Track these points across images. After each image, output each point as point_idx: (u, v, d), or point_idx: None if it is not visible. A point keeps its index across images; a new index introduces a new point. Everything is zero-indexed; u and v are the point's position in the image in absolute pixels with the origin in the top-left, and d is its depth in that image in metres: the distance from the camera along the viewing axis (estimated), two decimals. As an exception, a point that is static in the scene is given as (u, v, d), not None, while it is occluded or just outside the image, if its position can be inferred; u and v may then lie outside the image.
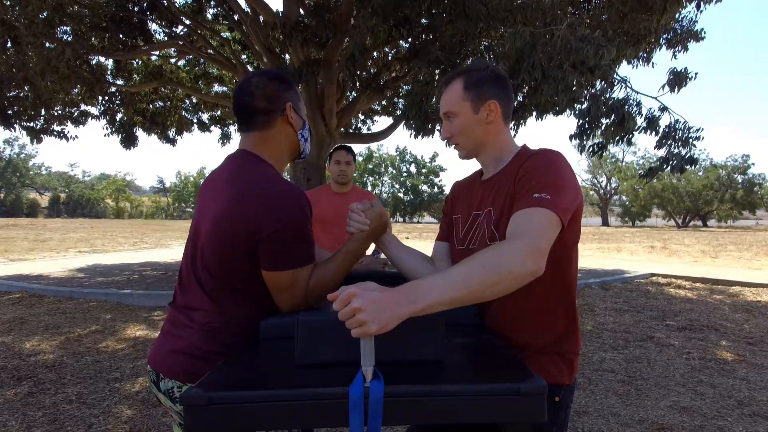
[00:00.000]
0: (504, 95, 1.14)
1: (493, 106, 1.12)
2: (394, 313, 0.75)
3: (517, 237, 0.92)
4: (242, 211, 1.02)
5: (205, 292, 1.09)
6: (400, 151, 50.31)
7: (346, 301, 0.76)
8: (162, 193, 59.88)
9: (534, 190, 0.97)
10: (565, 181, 1.00)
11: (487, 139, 1.16)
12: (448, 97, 1.16)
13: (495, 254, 0.88)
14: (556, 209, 0.94)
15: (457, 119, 1.15)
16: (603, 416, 2.66)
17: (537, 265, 0.88)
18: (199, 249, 1.11)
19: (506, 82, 1.15)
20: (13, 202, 45.46)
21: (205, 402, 0.68)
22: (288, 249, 1.04)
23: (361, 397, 0.69)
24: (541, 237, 0.91)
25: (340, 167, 2.90)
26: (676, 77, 5.41)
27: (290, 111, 1.16)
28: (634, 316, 5.08)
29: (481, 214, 1.14)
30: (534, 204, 0.95)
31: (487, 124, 1.14)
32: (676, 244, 16.25)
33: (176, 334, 1.11)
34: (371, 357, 0.74)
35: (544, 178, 0.99)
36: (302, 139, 1.22)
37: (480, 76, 1.13)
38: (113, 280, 6.91)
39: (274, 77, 1.17)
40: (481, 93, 1.12)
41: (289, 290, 1.07)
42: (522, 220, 0.95)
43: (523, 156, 1.11)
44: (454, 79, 1.16)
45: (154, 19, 7.70)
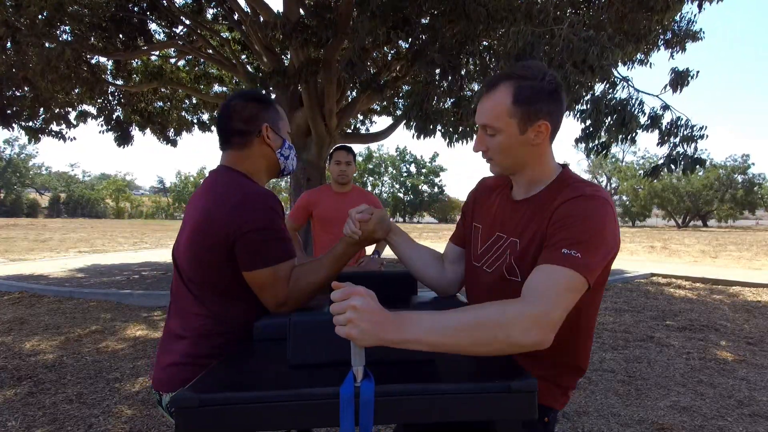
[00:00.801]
0: (558, 112, 0.97)
1: (544, 126, 0.96)
2: (377, 333, 0.73)
3: (531, 299, 0.82)
4: (216, 217, 1.08)
5: (194, 297, 1.13)
6: (400, 151, 50.39)
7: (346, 295, 0.75)
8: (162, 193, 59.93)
9: (564, 244, 0.86)
10: (603, 236, 0.88)
11: (529, 161, 1.01)
12: (490, 107, 0.97)
13: (498, 312, 0.79)
14: (584, 271, 0.84)
15: (498, 136, 0.98)
16: (603, 416, 2.66)
17: (542, 338, 0.79)
18: (181, 259, 1.16)
19: (562, 96, 0.98)
20: (13, 202, 45.49)
21: (196, 404, 0.68)
22: (262, 247, 1.07)
23: (352, 397, 0.69)
24: (556, 305, 0.81)
25: (340, 167, 2.90)
26: (677, 77, 5.41)
27: (266, 131, 1.20)
28: (634, 316, 5.08)
29: (505, 240, 1.03)
30: (561, 262, 0.84)
31: (532, 146, 0.98)
32: (676, 244, 16.25)
33: (170, 348, 1.15)
34: (362, 357, 0.74)
35: (580, 231, 0.87)
36: (281, 158, 1.25)
37: (534, 88, 0.94)
38: (113, 280, 6.91)
39: (252, 98, 1.22)
40: (533, 111, 0.95)
41: (271, 288, 1.09)
42: (543, 278, 0.84)
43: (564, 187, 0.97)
44: (499, 84, 0.97)
45: (154, 19, 7.71)
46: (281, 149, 1.24)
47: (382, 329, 0.74)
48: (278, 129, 1.23)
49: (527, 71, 0.96)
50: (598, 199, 0.92)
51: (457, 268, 1.22)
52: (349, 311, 0.74)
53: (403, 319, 0.77)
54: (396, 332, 0.75)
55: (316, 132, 7.21)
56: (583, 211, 0.90)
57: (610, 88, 5.74)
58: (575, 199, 0.92)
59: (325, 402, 0.70)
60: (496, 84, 0.97)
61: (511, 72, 0.98)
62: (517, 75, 0.96)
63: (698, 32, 6.77)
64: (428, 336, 0.76)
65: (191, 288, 1.14)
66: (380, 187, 50.45)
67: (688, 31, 6.71)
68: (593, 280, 0.86)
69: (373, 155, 49.76)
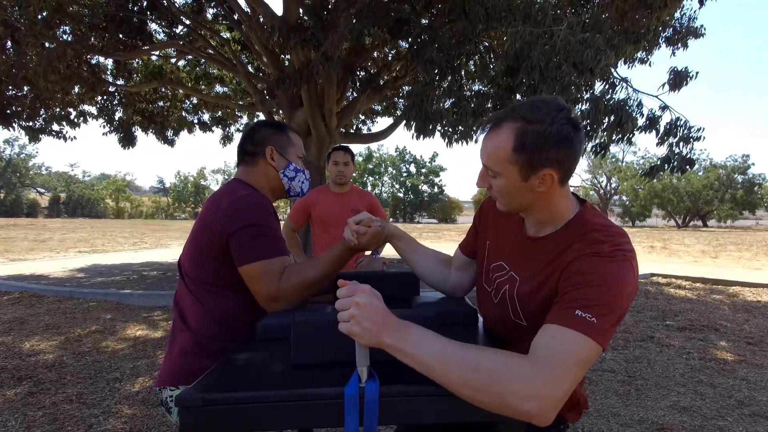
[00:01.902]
0: (568, 158, 0.87)
1: (549, 176, 0.87)
2: (377, 334, 0.73)
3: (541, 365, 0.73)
4: (212, 218, 1.18)
5: (194, 296, 1.22)
6: (400, 151, 50.36)
7: (352, 292, 0.75)
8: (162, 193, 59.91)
9: (579, 305, 0.78)
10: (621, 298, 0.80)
11: (536, 204, 0.93)
12: (491, 148, 0.90)
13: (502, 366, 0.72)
14: (599, 338, 0.76)
15: (498, 179, 0.91)
16: (603, 416, 2.66)
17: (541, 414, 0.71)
18: (184, 261, 1.27)
19: (573, 142, 0.86)
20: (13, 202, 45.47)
21: (200, 403, 0.68)
22: (254, 242, 1.15)
23: (357, 398, 0.69)
24: (567, 379, 0.73)
25: (339, 168, 2.90)
26: (676, 76, 5.41)
27: (271, 153, 1.32)
28: (634, 316, 5.08)
29: (506, 273, 1.00)
30: (574, 325, 0.76)
31: (537, 193, 0.91)
32: (676, 244, 16.25)
33: (170, 348, 1.25)
34: (366, 357, 0.74)
35: (596, 294, 0.79)
36: (285, 178, 1.35)
37: (540, 135, 0.84)
38: (113, 280, 6.91)
39: (266, 125, 1.38)
40: (536, 159, 0.86)
41: (261, 281, 1.14)
42: (555, 343, 0.76)
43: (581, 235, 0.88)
44: (503, 123, 0.89)
45: (154, 19, 7.70)
46: (285, 170, 1.34)
47: (382, 330, 0.74)
48: (285, 152, 1.35)
49: (535, 113, 0.86)
50: (617, 259, 0.82)
51: (463, 275, 1.21)
52: (352, 308, 0.74)
53: (405, 328, 0.76)
54: (395, 338, 0.74)
55: (316, 132, 7.21)
56: (601, 271, 0.81)
57: (609, 88, 5.75)
58: (593, 257, 0.83)
59: (329, 402, 0.70)
60: (500, 123, 0.89)
61: (519, 111, 0.88)
62: (524, 117, 0.86)
63: (699, 28, 6.77)
64: (423, 355, 0.73)
65: (190, 286, 1.22)
66: (380, 187, 50.45)
67: (689, 28, 6.71)
68: (607, 344, 0.79)
69: (373, 155, 49.77)
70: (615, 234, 0.87)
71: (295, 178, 1.36)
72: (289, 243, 3.01)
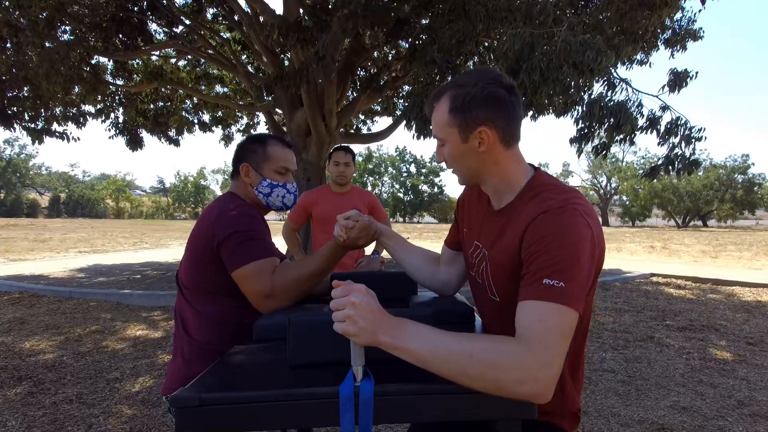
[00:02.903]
0: (502, 115, 0.92)
1: (485, 134, 0.92)
2: (373, 332, 0.74)
3: (529, 346, 0.75)
4: (205, 227, 1.23)
5: (189, 304, 1.26)
6: (400, 151, 50.38)
7: (347, 292, 0.76)
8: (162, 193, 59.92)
9: (544, 273, 0.79)
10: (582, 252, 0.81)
11: (485, 168, 0.97)
12: (435, 118, 0.98)
13: (496, 353, 0.74)
14: (572, 302, 0.78)
15: (446, 146, 0.97)
16: (603, 416, 2.66)
17: (540, 392, 0.73)
18: (180, 271, 1.32)
19: (505, 97, 0.91)
20: (13, 202, 45.49)
21: (196, 403, 0.68)
22: (243, 247, 1.18)
23: (352, 397, 0.70)
24: (556, 354, 0.75)
25: (339, 168, 2.89)
26: (676, 78, 5.41)
27: (245, 169, 1.36)
28: (634, 316, 5.08)
29: (481, 250, 1.02)
30: (546, 296, 0.78)
31: (481, 153, 0.94)
32: (676, 244, 16.25)
33: (174, 351, 1.28)
34: (361, 356, 0.74)
35: (557, 255, 0.80)
36: (260, 195, 1.36)
37: (468, 95, 0.91)
38: (113, 280, 6.91)
39: (247, 141, 1.41)
40: (470, 117, 0.91)
41: (252, 281, 1.16)
42: (534, 320, 0.78)
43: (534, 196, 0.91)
44: (441, 95, 0.97)
45: (154, 19, 7.71)
46: (258, 186, 1.35)
47: (378, 329, 0.74)
48: (260, 168, 1.36)
49: (463, 79, 0.94)
50: (567, 210, 0.84)
51: (451, 269, 1.22)
52: (348, 308, 0.74)
53: (401, 325, 0.77)
54: (390, 336, 0.75)
55: (316, 132, 7.21)
56: (555, 228, 0.82)
57: (609, 89, 5.75)
58: (543, 215, 0.85)
59: (324, 401, 0.70)
60: (439, 96, 0.97)
61: (451, 83, 0.97)
62: (454, 84, 0.95)
63: (698, 31, 6.77)
64: (420, 350, 0.74)
65: (188, 296, 1.26)
66: (380, 187, 50.45)
67: (688, 30, 6.71)
68: (582, 306, 0.80)
69: (373, 155, 49.78)
70: (564, 191, 0.89)
71: (271, 193, 1.36)
72: (290, 242, 3.01)
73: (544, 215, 0.85)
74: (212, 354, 1.18)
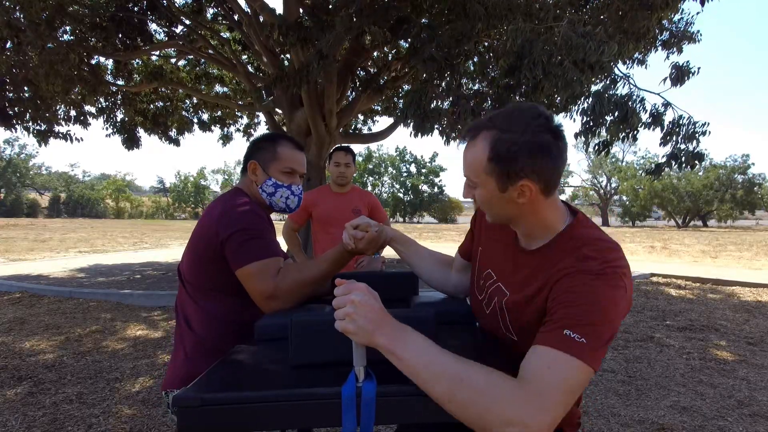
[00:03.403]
0: (548, 167, 0.83)
1: (527, 187, 0.84)
2: (371, 332, 0.73)
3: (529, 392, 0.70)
4: (208, 224, 1.21)
5: (193, 300, 1.25)
6: (400, 151, 50.37)
7: (349, 290, 0.75)
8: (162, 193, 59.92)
9: (566, 324, 0.75)
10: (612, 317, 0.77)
11: (521, 216, 0.90)
12: (468, 159, 0.88)
13: (491, 386, 0.70)
14: (590, 360, 0.73)
15: (479, 189, 0.89)
16: (603, 416, 2.66)
17: None
18: (183, 266, 1.30)
19: (552, 148, 0.82)
20: (13, 202, 45.48)
21: (198, 403, 0.68)
22: (247, 245, 1.17)
23: (354, 397, 0.69)
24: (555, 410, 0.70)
25: (340, 169, 2.89)
26: (678, 71, 5.38)
27: (252, 167, 1.35)
28: (634, 316, 5.08)
29: (494, 282, 0.98)
30: (562, 346, 0.73)
31: (519, 204, 0.87)
32: (676, 244, 16.25)
33: (174, 352, 1.27)
34: (363, 357, 0.74)
35: (585, 313, 0.75)
36: (264, 194, 1.34)
37: (513, 143, 0.81)
38: (113, 280, 6.91)
39: (258, 139, 1.40)
40: (512, 170, 0.82)
41: (256, 281, 1.15)
42: (541, 365, 0.73)
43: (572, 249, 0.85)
44: (479, 133, 0.86)
45: (154, 19, 7.71)
46: (263, 185, 1.34)
47: (377, 329, 0.74)
48: (267, 167, 1.35)
49: (510, 121, 0.83)
50: (608, 277, 0.78)
51: (463, 276, 1.21)
52: (348, 306, 0.74)
53: (400, 330, 0.76)
54: (388, 339, 0.74)
55: (316, 132, 7.21)
56: (590, 290, 0.77)
57: (611, 84, 5.73)
58: (581, 274, 0.79)
59: (326, 402, 0.70)
60: (476, 133, 0.87)
61: (495, 120, 0.86)
62: (499, 125, 0.84)
63: (695, 34, 6.78)
64: (413, 360, 0.72)
65: (190, 291, 1.25)
66: (380, 187, 50.45)
67: (685, 33, 6.72)
68: (599, 365, 0.75)
69: (373, 155, 49.78)
70: (606, 249, 0.82)
71: (275, 193, 1.34)
72: (290, 242, 3.01)
73: (582, 275, 0.79)
74: (214, 351, 1.17)
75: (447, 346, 0.76)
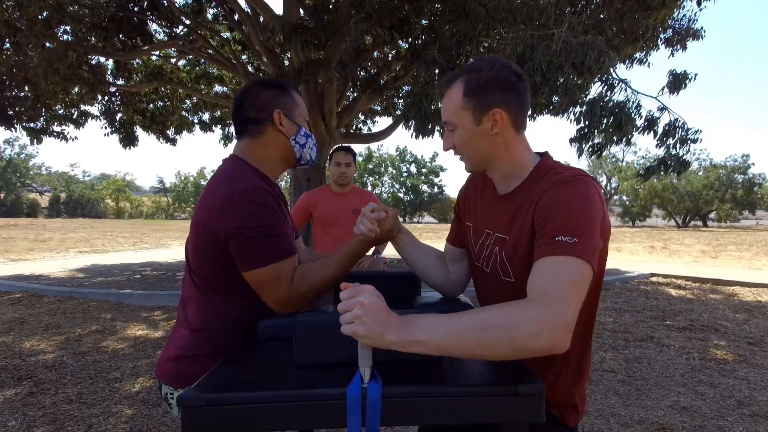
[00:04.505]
0: (514, 100, 0.96)
1: (499, 115, 0.95)
2: (382, 333, 0.73)
3: (539, 301, 0.77)
4: (207, 217, 1.05)
5: (196, 286, 1.13)
6: (400, 151, 50.39)
7: (355, 293, 0.75)
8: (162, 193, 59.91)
9: (557, 232, 0.83)
10: (593, 215, 0.85)
11: (496, 152, 1.00)
12: (446, 104, 1.00)
13: (505, 315, 0.75)
14: (587, 255, 0.80)
15: (457, 130, 1.00)
16: (603, 416, 2.66)
17: (556, 342, 0.74)
18: (188, 251, 1.15)
19: (517, 83, 0.96)
20: (13, 202, 45.48)
21: (203, 403, 0.68)
22: (257, 245, 1.03)
23: (359, 398, 0.69)
24: (568, 304, 0.76)
25: (340, 169, 2.89)
26: (675, 79, 5.41)
27: (279, 118, 1.16)
28: (634, 316, 5.08)
29: (493, 237, 1.03)
30: (559, 251, 0.80)
31: (493, 136, 0.97)
32: (676, 244, 16.25)
33: (174, 337, 1.15)
34: (369, 358, 0.73)
35: (569, 216, 0.84)
36: (296, 146, 1.20)
37: (483, 78, 0.95)
38: (113, 280, 6.91)
39: (268, 85, 1.19)
40: (484, 100, 0.95)
41: (271, 287, 1.06)
42: (545, 276, 0.80)
43: (543, 176, 0.95)
44: (453, 81, 1.00)
45: (154, 19, 7.70)
46: (296, 137, 1.19)
47: (387, 329, 0.73)
48: (293, 116, 1.19)
49: (476, 64, 0.98)
50: (578, 180, 0.89)
51: (459, 267, 1.22)
52: (357, 308, 0.73)
53: (409, 320, 0.76)
54: (401, 333, 0.74)
55: (316, 132, 7.21)
56: (567, 195, 0.87)
57: (608, 90, 5.75)
58: (555, 185, 0.90)
59: (331, 403, 0.70)
60: (450, 82, 1.00)
61: (463, 69, 1.00)
62: (467, 69, 0.98)
63: (699, 30, 6.77)
64: (434, 338, 0.73)
65: (195, 280, 1.13)
66: (380, 187, 50.45)
67: (689, 30, 6.71)
68: (596, 263, 0.82)
69: (373, 155, 49.78)
70: (573, 168, 0.94)
71: (306, 144, 1.22)
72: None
73: (555, 185, 0.90)
74: (212, 346, 1.09)
75: None
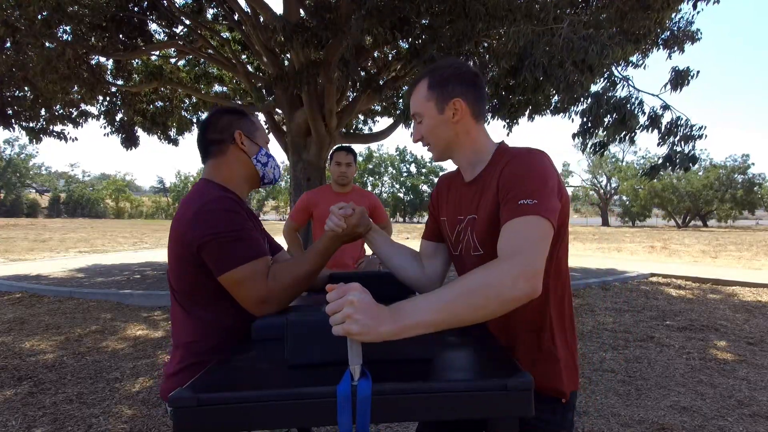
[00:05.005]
0: (472, 92, 1.09)
1: (459, 104, 1.08)
2: (375, 327, 0.73)
3: (510, 256, 0.86)
4: (180, 231, 1.11)
5: (179, 305, 1.17)
6: (400, 151, 50.38)
7: (342, 294, 0.75)
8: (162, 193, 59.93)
9: (519, 197, 0.93)
10: (549, 179, 0.97)
11: (457, 138, 1.11)
12: (414, 98, 1.13)
13: (483, 276, 0.83)
14: (545, 213, 0.91)
15: (424, 121, 1.11)
16: (603, 416, 2.66)
17: (531, 287, 0.83)
18: (169, 271, 1.20)
19: (474, 79, 1.10)
20: (13, 202, 45.50)
21: (194, 403, 0.68)
22: (228, 249, 1.07)
23: (349, 396, 0.69)
24: (535, 253, 0.87)
25: (341, 169, 2.89)
26: (678, 75, 5.40)
27: (240, 138, 1.24)
28: (634, 316, 5.08)
29: (464, 221, 1.11)
30: (521, 212, 0.91)
31: (454, 124, 1.09)
32: (676, 244, 16.24)
33: (171, 358, 1.20)
34: (359, 355, 0.73)
35: (528, 183, 0.95)
36: (258, 164, 1.26)
37: (444, 74, 1.09)
38: (113, 280, 6.91)
39: (225, 111, 1.28)
40: (446, 92, 1.08)
41: (246, 286, 1.08)
42: (512, 234, 0.90)
43: (503, 157, 1.06)
44: (420, 79, 1.12)
45: (154, 20, 7.70)
46: (257, 156, 1.26)
47: (379, 322, 0.74)
48: (254, 137, 1.27)
49: (439, 64, 1.12)
50: (533, 153, 1.02)
51: (434, 262, 1.25)
52: (346, 306, 0.73)
53: (398, 308, 0.78)
54: (394, 322, 0.75)
55: (316, 132, 7.21)
56: (524, 165, 0.99)
57: (611, 86, 5.74)
58: (513, 159, 1.02)
59: (322, 401, 0.70)
60: (417, 80, 1.13)
61: (428, 69, 1.13)
62: (431, 68, 1.12)
63: (696, 33, 6.78)
64: (426, 316, 0.77)
65: (178, 298, 1.17)
66: (380, 187, 50.46)
67: (686, 32, 6.72)
68: (555, 220, 0.93)
69: (373, 155, 49.79)
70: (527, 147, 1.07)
71: (268, 163, 1.28)
72: (291, 242, 3.01)
73: (513, 158, 1.02)
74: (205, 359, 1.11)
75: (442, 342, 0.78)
